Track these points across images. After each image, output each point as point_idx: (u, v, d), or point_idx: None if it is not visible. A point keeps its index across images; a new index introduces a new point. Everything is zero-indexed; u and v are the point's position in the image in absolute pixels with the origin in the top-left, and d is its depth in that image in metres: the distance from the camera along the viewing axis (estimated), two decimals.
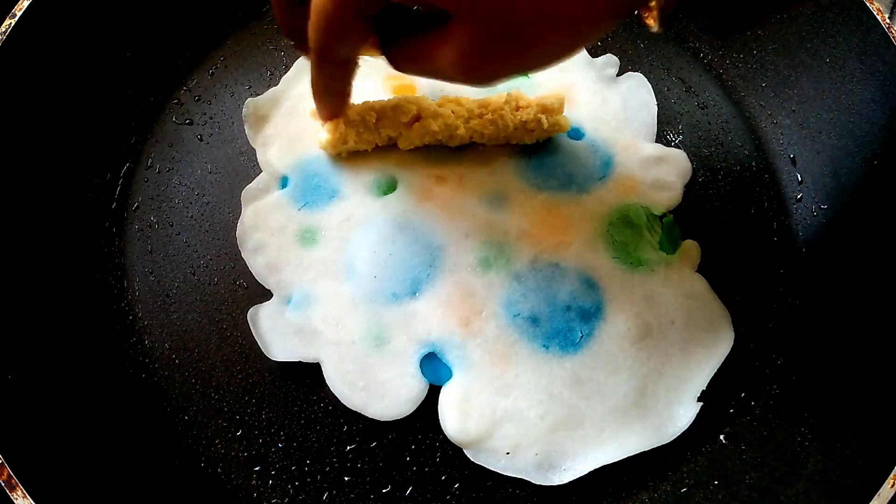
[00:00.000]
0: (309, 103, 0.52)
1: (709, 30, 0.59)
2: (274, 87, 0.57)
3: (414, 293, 0.50)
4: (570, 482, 0.47)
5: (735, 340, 0.51)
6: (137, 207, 0.54)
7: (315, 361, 0.49)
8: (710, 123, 0.57)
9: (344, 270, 0.51)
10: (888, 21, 0.51)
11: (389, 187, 0.53)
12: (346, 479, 0.48)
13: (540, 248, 0.52)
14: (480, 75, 0.41)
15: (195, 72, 0.58)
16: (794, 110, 0.56)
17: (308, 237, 0.52)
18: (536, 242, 0.52)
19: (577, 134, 0.57)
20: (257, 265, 0.51)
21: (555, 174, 0.55)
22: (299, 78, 0.58)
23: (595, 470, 0.47)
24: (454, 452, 0.48)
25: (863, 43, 0.52)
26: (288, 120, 0.56)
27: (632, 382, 0.49)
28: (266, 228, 0.52)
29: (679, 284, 0.51)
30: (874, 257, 0.50)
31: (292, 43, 0.46)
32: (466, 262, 0.51)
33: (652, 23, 0.42)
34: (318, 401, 0.50)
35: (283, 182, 0.54)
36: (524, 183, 0.54)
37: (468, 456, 0.47)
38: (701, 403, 0.49)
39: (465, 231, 0.52)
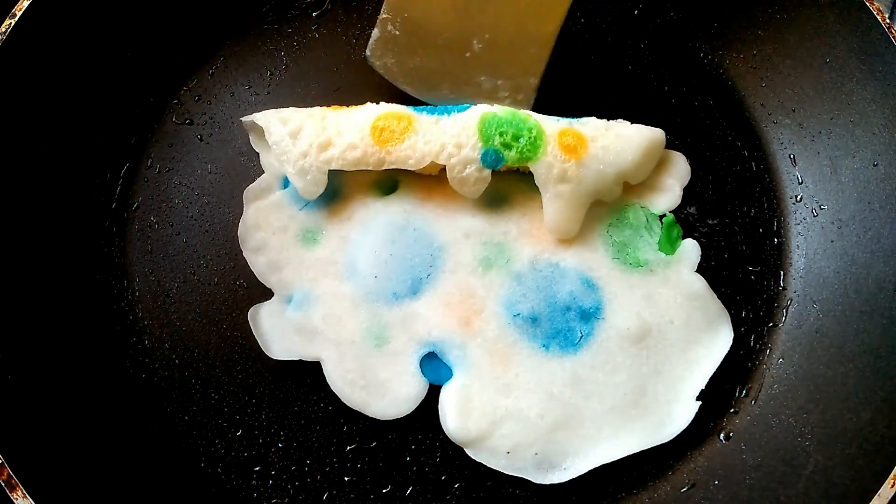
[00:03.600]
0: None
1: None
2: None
3: (414, 293, 0.50)
4: (570, 481, 0.47)
5: (734, 340, 0.51)
6: (137, 207, 0.54)
7: (315, 360, 0.49)
8: (710, 124, 0.57)
9: (345, 270, 0.51)
10: (888, 21, 0.51)
11: (390, 188, 0.53)
12: (346, 479, 0.48)
13: (540, 248, 0.52)
14: None
15: (195, 72, 0.58)
16: (794, 110, 0.56)
17: (309, 237, 0.52)
18: (536, 242, 0.52)
19: None
20: (258, 264, 0.51)
21: None
22: None
23: (594, 469, 0.47)
24: (454, 452, 0.48)
25: (863, 43, 0.52)
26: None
27: (631, 382, 0.49)
28: (268, 228, 0.52)
29: (678, 284, 0.51)
30: (873, 257, 0.50)
31: None
32: (466, 262, 0.51)
33: None
34: (318, 401, 0.50)
35: (285, 182, 0.54)
36: (524, 183, 0.54)
37: (469, 454, 0.48)
38: (700, 403, 0.49)
39: (465, 231, 0.52)
